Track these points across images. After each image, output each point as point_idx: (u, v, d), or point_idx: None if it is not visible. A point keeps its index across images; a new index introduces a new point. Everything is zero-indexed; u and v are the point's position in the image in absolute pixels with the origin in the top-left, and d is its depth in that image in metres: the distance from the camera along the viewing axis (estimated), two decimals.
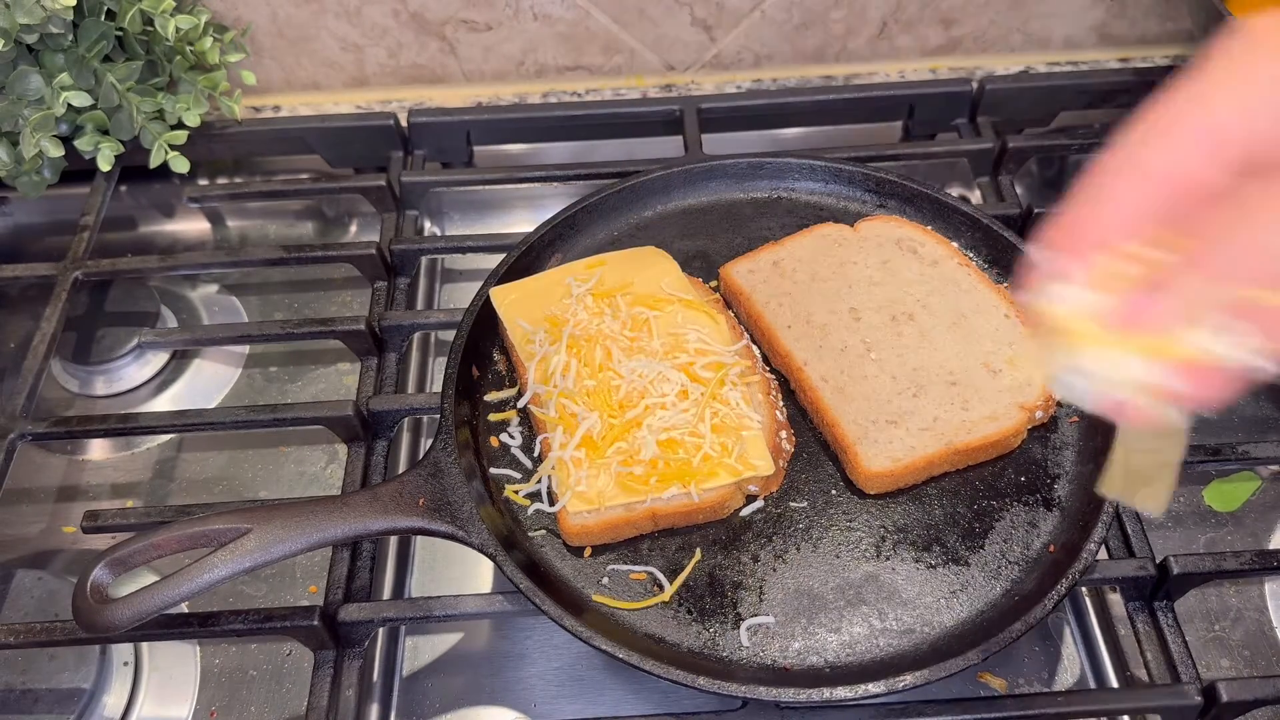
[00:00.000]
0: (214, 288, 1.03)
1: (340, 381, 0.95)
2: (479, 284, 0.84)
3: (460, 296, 1.01)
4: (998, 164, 1.02)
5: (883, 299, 0.82)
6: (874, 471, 0.73)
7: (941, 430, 0.75)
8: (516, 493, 0.75)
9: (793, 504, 0.75)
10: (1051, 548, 0.71)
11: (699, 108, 1.03)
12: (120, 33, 0.93)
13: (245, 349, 0.98)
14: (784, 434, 0.76)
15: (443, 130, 1.05)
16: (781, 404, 0.78)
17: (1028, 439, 0.77)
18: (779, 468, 0.74)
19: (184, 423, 0.84)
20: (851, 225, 0.88)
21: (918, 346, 0.79)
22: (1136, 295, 0.39)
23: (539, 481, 0.74)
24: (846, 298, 0.83)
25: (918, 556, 0.72)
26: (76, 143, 0.94)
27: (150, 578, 0.75)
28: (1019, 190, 1.03)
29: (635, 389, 0.74)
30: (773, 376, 0.80)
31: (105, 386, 0.94)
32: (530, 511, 0.74)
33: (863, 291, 0.83)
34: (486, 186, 1.06)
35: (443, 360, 0.88)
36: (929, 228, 0.88)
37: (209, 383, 0.96)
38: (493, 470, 0.76)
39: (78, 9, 0.89)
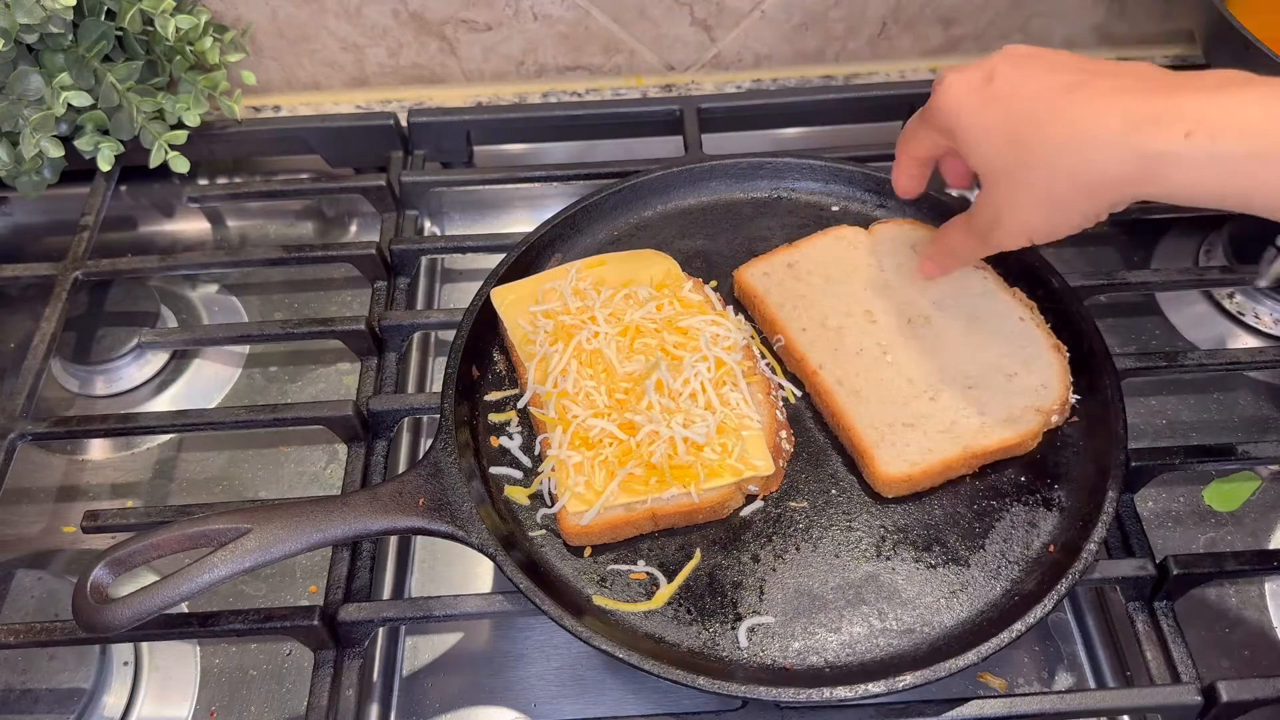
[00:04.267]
0: (214, 288, 1.03)
1: (340, 381, 0.95)
2: (479, 284, 0.84)
3: (460, 296, 1.01)
4: None
5: (898, 302, 0.82)
6: (892, 476, 0.73)
7: (959, 434, 0.74)
8: (516, 493, 0.75)
9: (793, 504, 0.75)
10: (1051, 548, 0.71)
11: (699, 108, 1.03)
12: (120, 33, 0.93)
13: (245, 349, 0.98)
14: (784, 434, 0.76)
15: (443, 130, 1.05)
16: (781, 404, 0.78)
17: None
18: (779, 468, 0.74)
19: (184, 423, 0.84)
20: (865, 227, 0.87)
21: (934, 350, 0.79)
22: None
23: (539, 482, 0.74)
24: (861, 300, 0.82)
25: (918, 556, 0.72)
26: (76, 143, 0.94)
27: (150, 578, 0.75)
28: None
29: (635, 390, 0.74)
30: (773, 377, 0.80)
31: (105, 386, 0.94)
32: (530, 512, 0.74)
33: (878, 294, 0.82)
34: (486, 186, 1.06)
35: (443, 360, 0.88)
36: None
37: (209, 383, 0.96)
38: (492, 470, 0.76)
39: (78, 9, 0.89)
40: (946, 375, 0.77)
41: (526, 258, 0.86)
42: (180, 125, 0.96)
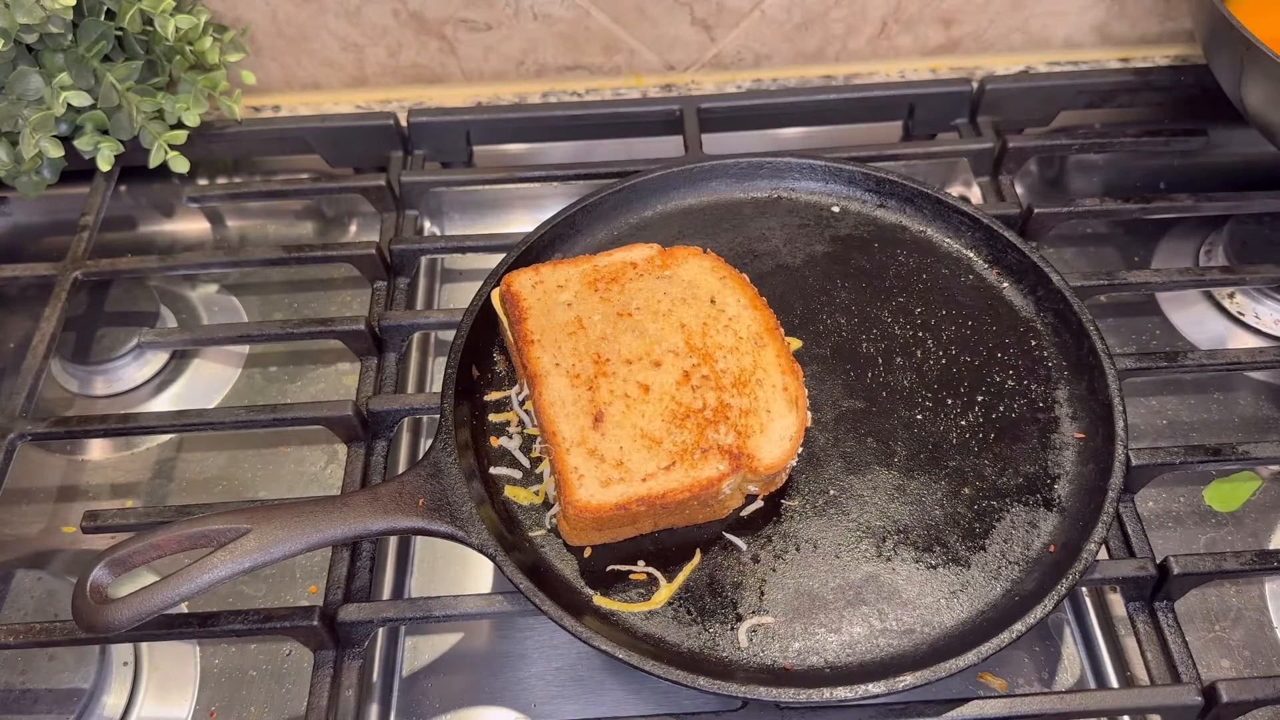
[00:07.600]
0: (214, 288, 1.03)
1: (340, 381, 0.95)
2: (479, 284, 0.84)
3: (460, 296, 1.01)
4: (998, 164, 1.02)
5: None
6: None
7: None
8: (516, 493, 0.75)
9: (793, 504, 0.75)
10: (1051, 548, 0.71)
11: (699, 108, 1.03)
12: (120, 32, 0.93)
13: (245, 349, 0.98)
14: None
15: (442, 130, 1.05)
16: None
17: (1029, 436, 0.77)
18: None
19: (184, 423, 0.84)
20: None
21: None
22: None
23: (539, 481, 0.74)
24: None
25: (918, 557, 0.72)
26: (76, 143, 0.94)
27: (150, 578, 0.75)
28: (1019, 190, 1.03)
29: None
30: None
31: (105, 386, 0.94)
32: (530, 512, 0.74)
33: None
34: (486, 186, 1.06)
35: (443, 360, 0.88)
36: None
37: (209, 383, 0.96)
38: (493, 470, 0.76)
39: (77, 9, 0.89)
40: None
41: (526, 258, 0.86)
42: (180, 125, 0.96)
